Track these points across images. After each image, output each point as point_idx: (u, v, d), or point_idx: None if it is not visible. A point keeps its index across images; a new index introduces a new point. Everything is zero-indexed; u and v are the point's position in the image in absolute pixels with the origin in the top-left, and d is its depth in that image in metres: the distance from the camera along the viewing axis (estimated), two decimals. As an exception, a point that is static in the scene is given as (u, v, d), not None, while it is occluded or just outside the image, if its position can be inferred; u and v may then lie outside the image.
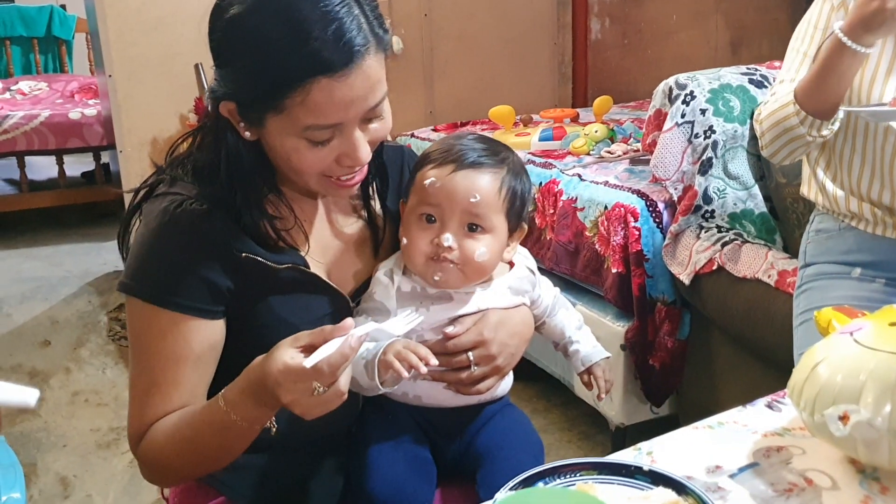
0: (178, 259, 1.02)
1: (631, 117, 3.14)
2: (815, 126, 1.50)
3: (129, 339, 1.07)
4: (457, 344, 1.10)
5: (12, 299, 3.46)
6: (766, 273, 1.92)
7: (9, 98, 4.78)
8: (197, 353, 1.04)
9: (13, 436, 2.56)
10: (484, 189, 1.09)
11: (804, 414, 0.87)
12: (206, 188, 1.05)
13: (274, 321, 1.07)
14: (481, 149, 1.12)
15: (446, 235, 1.08)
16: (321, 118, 0.97)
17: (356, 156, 1.01)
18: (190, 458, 1.03)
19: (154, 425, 1.03)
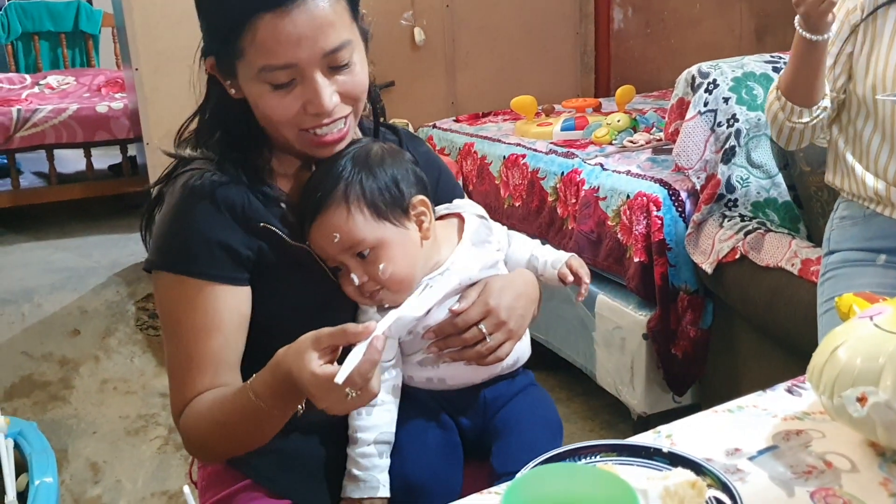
0: (201, 227, 1.04)
1: (654, 107, 3.13)
2: (795, 113, 1.59)
3: (159, 316, 1.09)
4: (465, 319, 1.12)
5: (43, 289, 3.52)
6: (790, 261, 1.92)
7: (37, 92, 4.84)
8: (227, 321, 1.05)
9: (45, 422, 2.61)
10: (334, 225, 1.07)
11: (823, 397, 0.88)
12: (217, 162, 1.08)
13: (284, 294, 1.09)
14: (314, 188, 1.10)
15: (352, 276, 1.09)
16: (272, 57, 0.99)
17: (318, 102, 1.02)
18: (223, 439, 1.05)
19: (192, 403, 1.05)
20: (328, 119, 1.05)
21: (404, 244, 1.11)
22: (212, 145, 1.10)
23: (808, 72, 1.53)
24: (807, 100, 1.57)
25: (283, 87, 1.02)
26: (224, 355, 1.06)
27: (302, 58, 1.00)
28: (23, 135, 4.19)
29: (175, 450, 2.53)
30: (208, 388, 1.05)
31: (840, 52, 1.61)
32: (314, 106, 1.03)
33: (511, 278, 1.18)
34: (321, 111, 1.03)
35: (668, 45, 3.73)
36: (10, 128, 4.16)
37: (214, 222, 1.05)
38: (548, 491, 0.66)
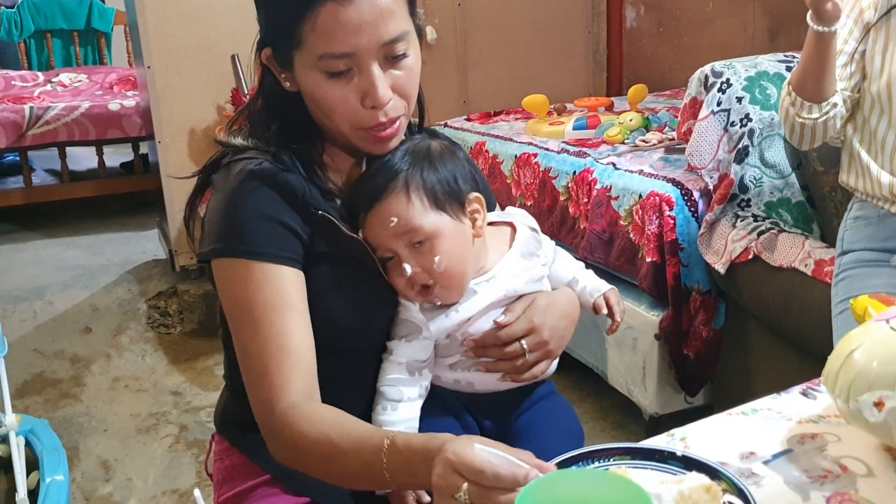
0: (265, 210, 1.03)
1: (666, 106, 3.12)
2: (805, 108, 1.61)
3: (226, 309, 1.05)
4: (509, 333, 1.12)
5: (55, 287, 3.53)
6: (803, 262, 1.90)
7: (50, 90, 4.86)
8: (297, 300, 1.03)
9: (56, 420, 2.63)
10: (392, 210, 1.07)
11: (839, 401, 0.87)
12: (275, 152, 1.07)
13: (333, 285, 1.08)
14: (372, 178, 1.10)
15: (404, 266, 1.08)
16: (332, 45, 0.99)
17: (375, 94, 1.02)
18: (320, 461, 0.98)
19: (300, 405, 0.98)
20: (384, 117, 1.04)
21: (459, 239, 1.11)
22: (267, 137, 1.09)
23: (818, 66, 1.55)
24: (816, 95, 1.59)
25: (341, 76, 1.01)
26: (299, 335, 1.02)
27: (361, 46, 0.99)
28: (35, 132, 4.21)
29: (186, 448, 2.54)
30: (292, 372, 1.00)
31: (854, 50, 1.60)
32: (370, 98, 1.02)
33: (556, 298, 1.18)
34: (377, 103, 1.03)
35: (680, 44, 3.71)
36: (22, 125, 4.18)
37: (278, 205, 1.04)
38: (561, 495, 0.65)
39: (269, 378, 1.00)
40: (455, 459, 0.81)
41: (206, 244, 1.06)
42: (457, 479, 0.80)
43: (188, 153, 3.26)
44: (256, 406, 1.02)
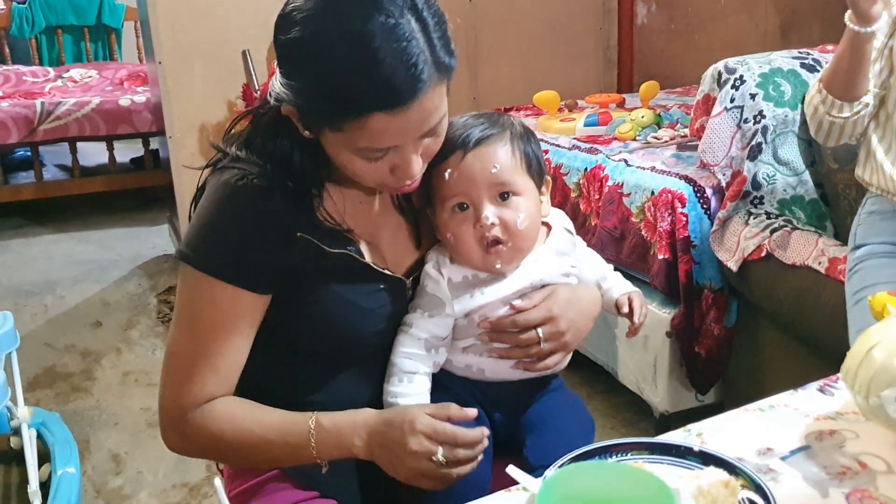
0: (237, 233, 1.04)
1: (678, 103, 3.11)
2: (836, 107, 1.60)
3: (176, 306, 1.08)
4: (527, 319, 1.12)
5: (65, 281, 3.54)
6: (817, 260, 1.90)
7: (60, 85, 4.87)
8: (245, 325, 1.06)
9: (67, 413, 2.63)
10: (499, 157, 1.10)
11: (859, 397, 0.87)
12: (266, 167, 1.06)
13: (331, 298, 1.09)
14: (480, 123, 1.13)
15: (485, 213, 1.09)
16: (375, 142, 0.98)
17: (408, 171, 1.02)
18: (243, 452, 1.07)
19: (212, 407, 1.05)
20: (411, 181, 1.05)
21: (537, 209, 1.14)
22: (263, 152, 1.08)
23: (853, 66, 1.54)
24: (848, 94, 1.59)
25: (376, 160, 1.01)
26: (234, 356, 1.06)
27: (407, 139, 1.00)
28: (46, 127, 4.22)
29: (196, 442, 2.54)
30: (215, 389, 1.05)
31: (884, 46, 1.60)
32: (402, 172, 1.03)
33: (579, 292, 1.18)
34: (408, 177, 1.04)
35: (691, 41, 3.70)
36: (33, 120, 4.19)
37: (251, 230, 1.04)
38: (582, 488, 0.65)
39: (191, 385, 1.05)
40: (426, 429, 0.99)
41: (184, 244, 1.07)
42: (431, 444, 0.99)
43: (198, 149, 3.26)
44: (169, 403, 1.06)
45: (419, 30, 0.94)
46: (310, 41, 0.94)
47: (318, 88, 0.97)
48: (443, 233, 1.13)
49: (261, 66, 3.27)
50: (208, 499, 2.27)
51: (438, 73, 0.97)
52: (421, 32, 0.95)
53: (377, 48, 0.91)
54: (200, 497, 2.28)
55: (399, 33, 0.92)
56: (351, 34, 0.92)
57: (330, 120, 0.98)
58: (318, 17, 0.94)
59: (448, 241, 1.13)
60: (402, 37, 0.92)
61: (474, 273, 1.14)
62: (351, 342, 1.12)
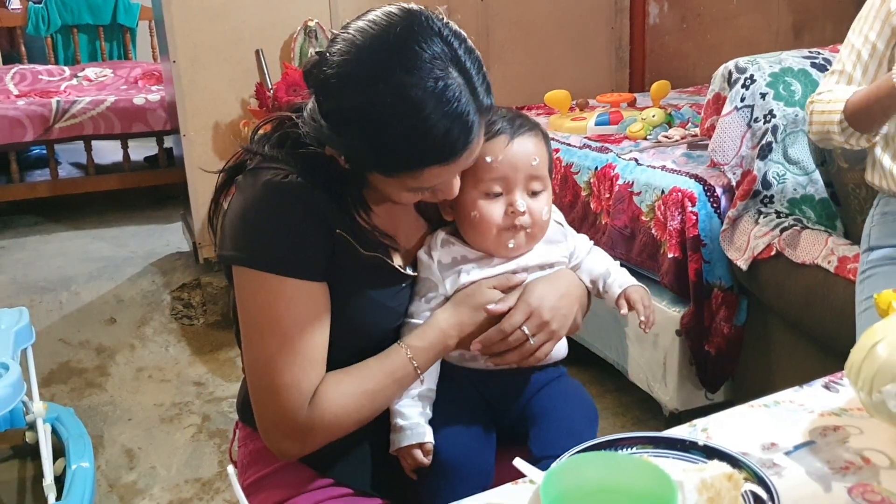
0: (289, 227, 1.05)
1: (689, 102, 3.11)
2: (854, 138, 1.61)
3: (246, 312, 1.08)
4: (511, 323, 1.13)
5: (80, 278, 3.57)
6: (826, 259, 1.90)
7: (76, 84, 4.91)
8: (323, 312, 1.08)
9: (81, 409, 2.66)
10: (539, 151, 1.16)
11: (862, 393, 0.88)
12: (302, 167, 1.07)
13: (359, 296, 1.11)
14: (516, 115, 1.17)
15: (519, 201, 1.13)
16: (425, 184, 1.04)
17: (449, 193, 1.10)
18: (367, 410, 1.11)
19: (322, 397, 1.07)
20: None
21: (551, 203, 1.20)
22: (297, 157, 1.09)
23: (885, 111, 1.54)
24: (870, 129, 1.60)
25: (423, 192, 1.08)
26: (323, 345, 1.08)
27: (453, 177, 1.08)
28: (62, 126, 4.25)
29: (208, 438, 2.56)
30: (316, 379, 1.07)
31: (882, 55, 1.60)
32: (443, 195, 1.10)
33: (554, 278, 1.19)
34: (448, 198, 1.11)
35: (704, 41, 3.70)
36: (49, 119, 4.23)
37: (302, 222, 1.05)
38: (586, 479, 0.66)
39: (297, 386, 1.05)
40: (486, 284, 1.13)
41: (228, 248, 1.07)
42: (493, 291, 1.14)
43: (213, 147, 3.28)
44: (279, 415, 1.06)
45: (464, 83, 0.99)
46: (362, 110, 0.97)
47: (373, 150, 1.00)
48: (466, 209, 1.15)
49: (274, 66, 3.29)
50: (220, 493, 2.29)
51: (482, 115, 1.01)
52: (465, 86, 0.99)
53: (429, 114, 0.95)
54: (213, 492, 2.30)
55: (449, 95, 0.96)
56: (404, 104, 0.95)
57: (382, 171, 1.03)
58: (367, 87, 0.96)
59: (468, 218, 1.15)
60: (452, 98, 0.96)
61: (462, 254, 1.17)
62: (373, 338, 1.15)
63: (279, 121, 1.15)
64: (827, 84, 1.71)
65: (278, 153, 1.09)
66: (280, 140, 1.11)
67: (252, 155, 1.11)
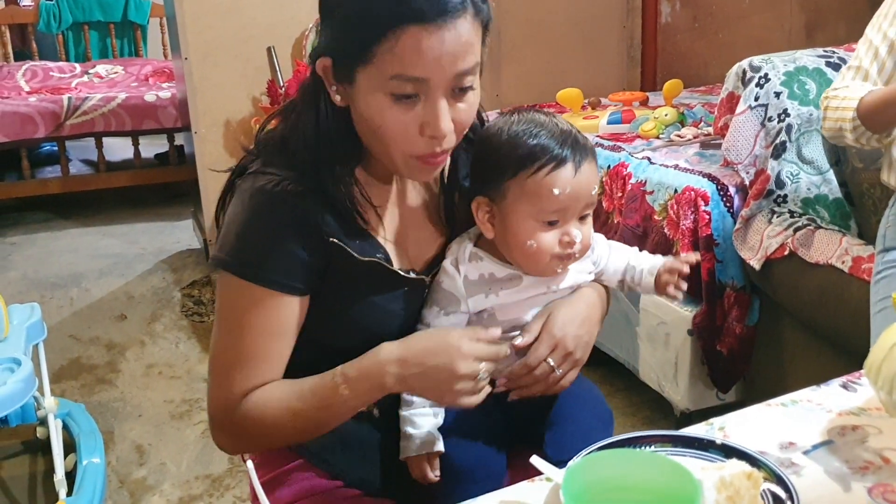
0: (274, 237, 1.04)
1: (701, 101, 3.10)
2: (866, 137, 1.60)
3: (217, 312, 1.09)
4: (536, 357, 1.12)
5: (91, 274, 3.59)
6: (840, 259, 1.89)
7: (86, 81, 4.93)
8: (285, 327, 1.07)
9: (92, 405, 2.66)
10: (596, 178, 1.12)
11: (882, 393, 0.87)
12: (299, 170, 1.06)
13: (355, 302, 1.10)
14: (572, 138, 1.10)
15: (576, 232, 1.10)
16: (408, 68, 0.96)
17: (437, 125, 1.00)
18: (289, 429, 1.07)
19: (251, 397, 1.06)
20: (439, 148, 1.03)
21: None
22: (298, 152, 1.07)
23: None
24: (884, 130, 1.59)
25: (406, 100, 0.99)
26: (277, 358, 1.08)
27: (436, 74, 0.97)
28: (73, 122, 4.27)
29: (218, 434, 2.57)
30: (259, 384, 1.07)
31: None
32: (432, 128, 1.00)
33: (574, 303, 1.17)
34: (437, 134, 1.01)
35: (716, 40, 3.68)
36: (60, 115, 4.24)
37: (287, 234, 1.04)
38: (606, 476, 0.66)
39: (233, 389, 1.06)
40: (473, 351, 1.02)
41: (219, 250, 1.07)
42: (474, 364, 1.01)
43: (224, 144, 3.29)
44: (215, 404, 1.09)
45: None
46: None
47: (351, 11, 0.98)
48: (521, 237, 1.10)
49: (285, 63, 3.29)
50: (230, 490, 2.29)
51: (474, 8, 0.98)
52: None
53: None
54: (223, 489, 2.30)
55: None
56: None
57: (362, 49, 0.97)
58: None
59: (522, 246, 1.10)
60: None
61: (491, 272, 1.14)
62: (372, 342, 1.12)
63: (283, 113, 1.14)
64: (843, 80, 1.70)
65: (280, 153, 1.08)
66: (282, 141, 1.10)
67: (254, 156, 1.11)
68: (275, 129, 1.13)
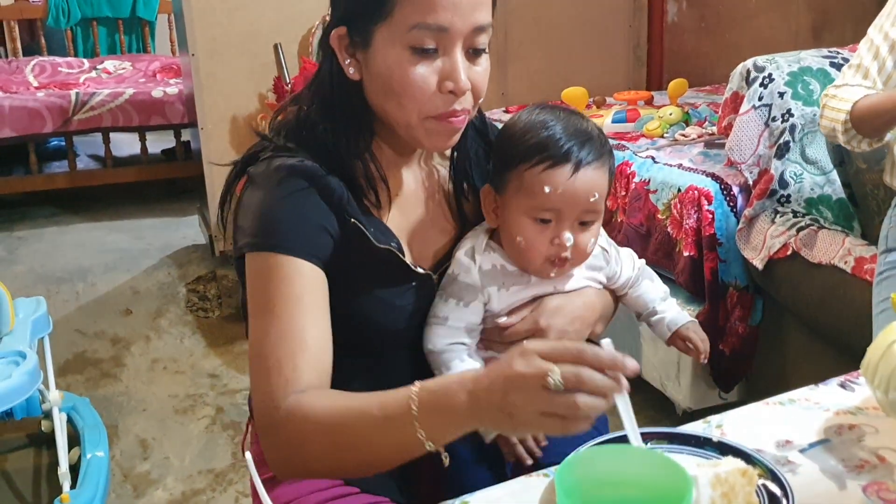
0: (301, 208, 1.02)
1: (706, 101, 3.10)
2: (857, 140, 1.62)
3: (249, 303, 1.03)
4: (511, 332, 1.12)
5: (97, 269, 3.60)
6: (843, 259, 1.89)
7: (95, 77, 4.94)
8: (320, 298, 1.02)
9: (96, 399, 2.68)
10: (601, 186, 1.09)
11: (878, 392, 0.88)
12: (314, 151, 1.06)
13: (362, 292, 1.09)
14: (586, 137, 1.09)
15: (567, 235, 1.07)
16: (428, 15, 0.97)
17: (457, 77, 1.00)
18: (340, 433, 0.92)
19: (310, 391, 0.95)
20: (458, 105, 1.03)
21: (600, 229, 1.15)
22: (315, 136, 1.07)
23: (890, 126, 1.56)
24: (876, 135, 1.60)
25: (426, 54, 1.00)
26: (322, 335, 1.00)
27: (455, 23, 0.99)
28: (81, 118, 4.28)
29: (222, 429, 2.58)
30: (308, 368, 0.97)
31: None
32: (452, 80, 1.01)
33: (570, 299, 1.16)
34: (457, 87, 1.01)
35: (722, 40, 3.69)
36: (68, 110, 4.26)
37: (314, 203, 1.03)
38: (601, 471, 0.66)
39: (281, 371, 0.96)
40: (534, 347, 0.78)
41: (241, 238, 1.04)
42: (542, 363, 0.76)
43: (230, 140, 3.30)
44: (261, 399, 0.97)
45: None
46: None
47: None
48: (512, 231, 1.11)
49: (292, 60, 3.30)
50: (233, 485, 2.31)
51: None
52: None
53: None
54: (226, 483, 2.31)
55: None
56: None
57: (379, 4, 0.99)
58: None
59: (513, 241, 1.11)
60: None
61: (502, 264, 1.14)
62: (377, 336, 1.12)
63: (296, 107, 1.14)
64: (844, 78, 1.70)
65: (292, 141, 1.08)
66: (296, 126, 1.10)
67: (267, 143, 1.10)
68: (286, 118, 1.13)
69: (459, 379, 0.84)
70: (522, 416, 0.77)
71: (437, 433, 0.84)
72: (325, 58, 1.08)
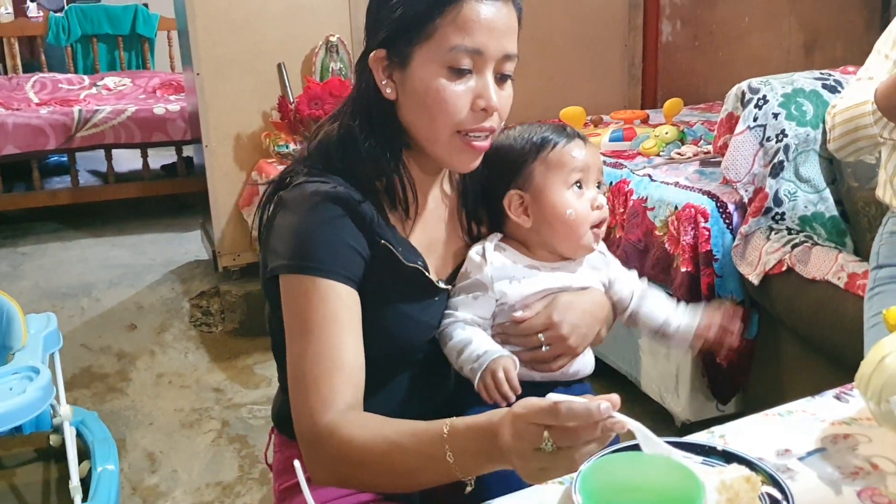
0: (336, 232, 1.08)
1: (701, 119, 3.16)
2: (889, 128, 1.55)
3: (287, 320, 1.08)
4: (527, 326, 1.19)
5: (101, 284, 3.64)
6: (836, 275, 1.94)
7: (95, 93, 4.99)
8: (354, 319, 1.08)
9: (104, 413, 2.71)
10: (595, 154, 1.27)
11: (871, 403, 0.92)
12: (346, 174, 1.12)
13: (389, 309, 1.14)
14: (564, 126, 1.29)
15: (600, 196, 1.24)
16: (467, 37, 1.07)
17: (489, 95, 1.09)
18: (375, 462, 0.99)
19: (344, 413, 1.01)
20: (488, 123, 1.12)
21: None
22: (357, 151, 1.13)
23: None
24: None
25: (462, 73, 1.08)
26: (356, 354, 1.06)
27: (490, 48, 1.08)
28: (83, 134, 4.33)
29: (228, 443, 2.62)
30: (344, 387, 1.03)
31: None
32: (484, 99, 1.10)
33: (581, 296, 1.23)
34: (489, 105, 1.10)
35: (716, 58, 3.75)
36: (71, 127, 4.30)
37: (347, 227, 1.09)
38: (618, 477, 0.71)
39: (318, 389, 1.02)
40: (524, 412, 0.84)
41: (275, 260, 1.10)
42: (533, 429, 0.83)
43: (234, 157, 3.34)
44: (301, 416, 1.03)
45: None
46: None
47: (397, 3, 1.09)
48: (560, 208, 1.21)
49: (295, 79, 3.35)
50: (241, 498, 2.34)
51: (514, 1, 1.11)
52: None
53: None
54: (234, 496, 2.35)
55: None
56: None
57: (421, 26, 1.07)
58: None
59: (562, 217, 1.21)
60: None
61: (513, 260, 1.22)
62: (400, 350, 1.18)
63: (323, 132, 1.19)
64: (850, 90, 1.70)
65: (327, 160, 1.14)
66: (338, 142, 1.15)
67: (299, 167, 1.16)
68: (329, 134, 1.18)
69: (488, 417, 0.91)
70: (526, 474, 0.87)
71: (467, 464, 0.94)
72: (361, 78, 1.15)
